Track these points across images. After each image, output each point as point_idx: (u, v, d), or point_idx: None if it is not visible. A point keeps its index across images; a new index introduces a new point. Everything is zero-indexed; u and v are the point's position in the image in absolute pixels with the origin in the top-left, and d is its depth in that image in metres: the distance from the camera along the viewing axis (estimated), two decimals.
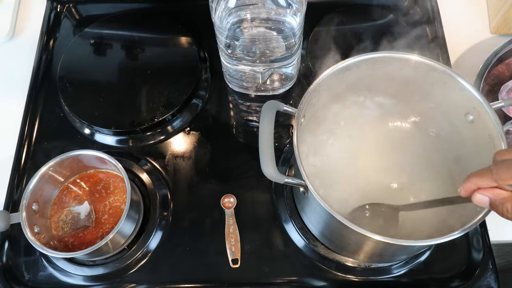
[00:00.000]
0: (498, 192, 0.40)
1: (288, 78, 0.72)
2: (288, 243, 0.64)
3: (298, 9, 0.60)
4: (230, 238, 0.63)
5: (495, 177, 0.40)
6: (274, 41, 0.63)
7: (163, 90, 0.73)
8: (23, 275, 0.63)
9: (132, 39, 0.78)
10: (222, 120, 0.74)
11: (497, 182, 0.40)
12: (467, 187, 0.42)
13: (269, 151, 0.50)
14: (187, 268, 0.63)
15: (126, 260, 0.63)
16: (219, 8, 0.60)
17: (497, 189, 0.40)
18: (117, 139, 0.72)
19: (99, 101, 0.73)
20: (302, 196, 0.56)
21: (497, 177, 0.39)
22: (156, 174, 0.69)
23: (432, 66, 0.55)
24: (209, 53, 0.78)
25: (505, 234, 0.66)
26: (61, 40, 0.81)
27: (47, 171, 0.62)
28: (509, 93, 0.71)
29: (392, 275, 0.62)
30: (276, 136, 0.66)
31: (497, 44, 0.69)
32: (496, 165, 0.40)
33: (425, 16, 0.80)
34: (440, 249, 0.63)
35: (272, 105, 0.53)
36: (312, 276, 0.62)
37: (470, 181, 0.42)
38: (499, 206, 0.40)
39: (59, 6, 0.84)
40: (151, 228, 0.65)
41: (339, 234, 0.56)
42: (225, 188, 0.67)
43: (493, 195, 0.40)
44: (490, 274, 0.62)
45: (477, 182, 0.41)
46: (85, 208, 0.63)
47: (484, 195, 0.41)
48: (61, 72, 0.75)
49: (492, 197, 0.40)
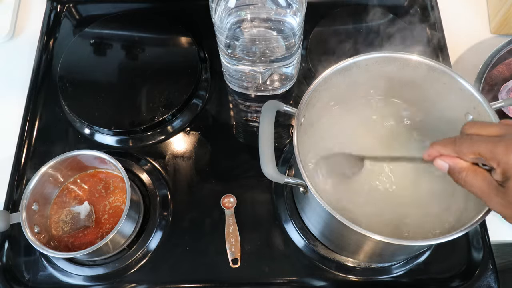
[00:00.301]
0: (458, 161, 0.43)
1: (288, 78, 0.72)
2: (288, 243, 0.64)
3: (298, 9, 0.60)
4: (230, 238, 0.63)
5: (456, 149, 0.42)
6: (274, 41, 0.63)
7: (163, 90, 0.73)
8: (23, 275, 0.63)
9: (132, 39, 0.78)
10: (222, 120, 0.74)
11: (458, 154, 0.42)
12: (430, 153, 0.45)
13: (269, 151, 0.50)
14: (187, 268, 0.63)
15: (126, 260, 0.63)
16: (219, 8, 0.60)
17: (457, 158, 0.43)
18: (117, 139, 0.72)
19: (99, 101, 0.73)
20: (302, 196, 0.56)
21: (458, 150, 0.42)
22: (156, 174, 0.69)
23: (432, 66, 0.55)
24: (209, 53, 0.78)
25: (505, 234, 0.66)
26: (61, 40, 0.81)
27: (47, 171, 0.62)
28: (509, 93, 0.71)
29: (392, 275, 0.62)
30: (276, 136, 0.66)
31: (497, 44, 0.69)
32: (460, 138, 0.43)
33: (425, 16, 0.80)
34: (440, 249, 0.63)
35: (272, 105, 0.53)
36: (312, 276, 0.62)
37: (434, 148, 0.44)
38: (457, 174, 0.43)
39: (59, 6, 0.84)
40: (151, 228, 0.65)
41: (339, 234, 0.56)
42: (225, 188, 0.67)
43: (453, 163, 0.43)
44: (490, 274, 0.62)
45: (440, 150, 0.44)
46: (85, 208, 0.63)
47: (445, 161, 0.43)
48: (61, 72, 0.75)
49: (452, 164, 0.43)
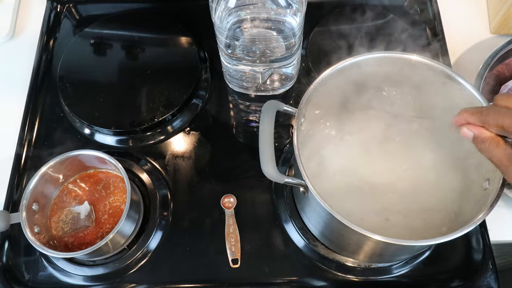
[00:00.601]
0: (483, 131, 0.44)
1: (288, 78, 0.72)
2: (288, 243, 0.64)
3: (298, 9, 0.60)
4: (230, 238, 0.63)
5: (483, 119, 0.44)
6: (274, 41, 0.63)
7: (163, 90, 0.73)
8: (23, 275, 0.63)
9: (132, 39, 0.78)
10: (222, 120, 0.74)
11: (483, 124, 0.44)
12: (458, 119, 0.46)
13: (269, 151, 0.50)
14: (187, 268, 0.63)
15: (126, 260, 0.63)
16: (219, 8, 0.60)
17: (482, 128, 0.44)
18: (117, 139, 0.72)
19: (99, 101, 0.73)
20: (302, 196, 0.56)
21: (485, 120, 0.44)
22: (156, 174, 0.69)
23: (432, 66, 0.55)
24: (209, 53, 0.78)
25: (505, 234, 0.66)
26: (61, 40, 0.81)
27: (47, 171, 0.62)
28: (509, 93, 0.71)
29: (392, 275, 0.62)
30: (276, 136, 0.66)
31: (497, 44, 0.69)
32: (488, 109, 0.44)
33: (425, 16, 0.80)
34: (440, 249, 0.63)
35: (272, 105, 0.53)
36: (312, 276, 0.62)
37: (462, 115, 0.45)
38: (480, 143, 0.44)
39: (59, 6, 0.84)
40: (151, 228, 0.65)
41: (339, 234, 0.56)
42: (225, 188, 0.67)
43: (478, 132, 0.44)
44: (490, 274, 0.62)
45: (467, 118, 0.45)
46: (85, 208, 0.63)
47: (470, 130, 0.45)
48: (61, 72, 0.75)
49: (477, 134, 0.44)
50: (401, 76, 0.57)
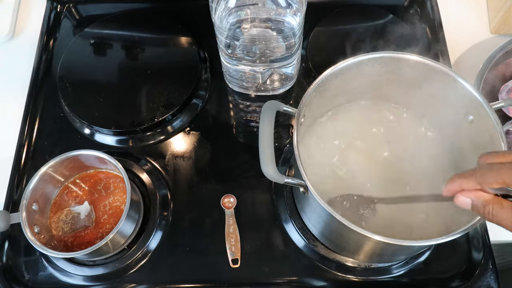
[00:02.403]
0: (481, 194, 0.40)
1: (288, 78, 0.72)
2: (288, 243, 0.64)
3: (298, 9, 0.60)
4: (230, 238, 0.63)
5: (479, 180, 0.40)
6: (274, 41, 0.63)
7: (163, 90, 0.73)
8: (23, 275, 0.63)
9: (132, 39, 0.78)
10: (222, 120, 0.74)
11: (481, 185, 0.40)
12: (451, 188, 0.42)
13: (269, 151, 0.50)
14: (187, 268, 0.63)
15: (126, 260, 0.63)
16: (219, 8, 0.60)
17: (479, 192, 0.41)
18: (117, 139, 0.72)
19: (99, 101, 0.73)
20: (302, 196, 0.56)
21: (482, 180, 0.40)
22: (156, 174, 0.69)
23: (432, 66, 0.55)
24: (209, 53, 0.78)
25: (505, 234, 0.65)
26: (61, 40, 0.81)
27: (47, 171, 0.62)
28: (509, 93, 0.71)
29: (392, 275, 0.62)
30: (276, 136, 0.66)
31: (497, 44, 0.69)
32: (480, 169, 0.40)
33: (425, 16, 0.80)
34: (440, 249, 0.63)
35: (272, 105, 0.53)
36: (312, 276, 0.62)
37: (455, 182, 0.42)
38: (481, 208, 0.40)
39: (59, 6, 0.84)
40: (151, 228, 0.65)
41: (339, 234, 0.56)
42: (225, 188, 0.67)
43: (475, 197, 0.41)
44: (490, 274, 0.62)
45: (461, 184, 0.41)
46: (85, 208, 0.63)
47: (467, 197, 0.41)
48: (61, 72, 0.75)
49: (475, 199, 0.41)
50: (401, 76, 0.57)
